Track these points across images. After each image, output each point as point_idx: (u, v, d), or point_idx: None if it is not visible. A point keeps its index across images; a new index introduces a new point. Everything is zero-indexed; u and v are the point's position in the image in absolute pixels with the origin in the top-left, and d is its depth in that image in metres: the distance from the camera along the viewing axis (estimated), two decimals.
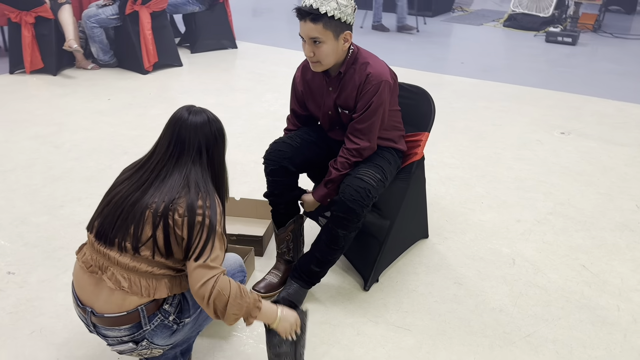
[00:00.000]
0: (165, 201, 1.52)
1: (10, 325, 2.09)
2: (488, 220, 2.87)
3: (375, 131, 2.09)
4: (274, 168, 2.18)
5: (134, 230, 1.52)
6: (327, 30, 1.91)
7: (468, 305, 2.25)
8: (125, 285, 1.53)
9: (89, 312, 1.57)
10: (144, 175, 1.60)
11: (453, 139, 3.88)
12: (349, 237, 2.11)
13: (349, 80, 2.06)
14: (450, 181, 3.28)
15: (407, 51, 6.35)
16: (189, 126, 1.61)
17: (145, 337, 1.61)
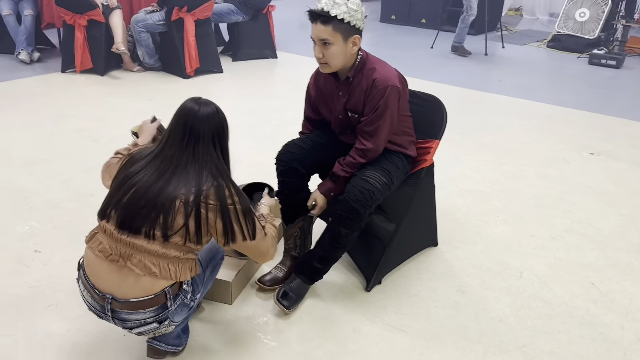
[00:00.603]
0: (194, 192, 1.62)
1: (30, 298, 2.24)
2: (501, 233, 2.87)
3: (382, 134, 2.15)
4: (285, 169, 2.27)
5: (164, 219, 1.60)
6: (337, 33, 2.00)
7: (468, 313, 2.26)
8: (156, 270, 1.64)
9: (109, 299, 1.66)
10: (161, 166, 1.67)
11: (478, 154, 3.88)
12: (352, 237, 2.17)
13: (357, 85, 2.13)
14: (468, 193, 3.29)
15: (443, 66, 6.37)
16: (201, 117, 1.71)
17: (168, 317, 1.73)
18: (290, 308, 2.19)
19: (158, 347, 1.88)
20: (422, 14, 8.65)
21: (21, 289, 2.29)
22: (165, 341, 1.88)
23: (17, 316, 2.14)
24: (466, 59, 6.79)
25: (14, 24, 5.75)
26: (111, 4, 5.36)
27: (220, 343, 2.05)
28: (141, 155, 1.76)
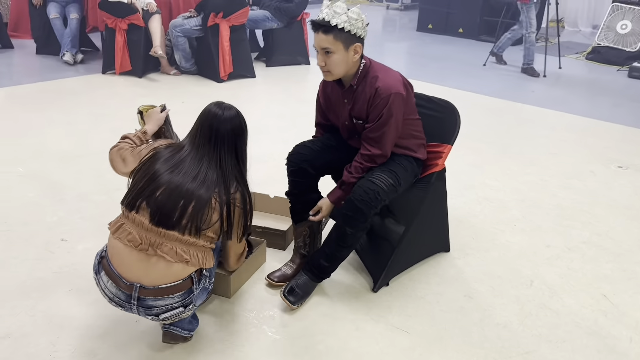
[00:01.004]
0: (225, 193, 1.82)
1: (53, 282, 2.37)
2: (516, 242, 2.85)
3: (387, 140, 2.19)
4: (294, 169, 2.34)
5: (201, 216, 1.77)
6: (338, 41, 2.06)
7: (472, 318, 2.27)
8: (187, 257, 1.78)
9: (137, 287, 1.77)
10: (192, 166, 1.82)
11: (502, 163, 3.86)
12: (357, 236, 2.21)
13: (361, 93, 2.19)
14: (487, 202, 3.28)
15: (478, 76, 6.33)
16: (225, 121, 1.86)
17: (192, 301, 1.85)
18: (296, 304, 2.25)
19: (175, 332, 1.96)
20: (459, 23, 8.60)
21: (45, 274, 2.42)
22: (181, 326, 1.97)
23: (39, 298, 2.27)
24: (503, 70, 6.72)
25: (60, 27, 6.04)
26: (151, 9, 5.57)
27: (225, 333, 2.12)
28: (168, 152, 1.88)
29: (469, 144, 4.17)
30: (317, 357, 2.02)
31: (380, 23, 10.09)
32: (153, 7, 5.60)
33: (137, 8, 5.51)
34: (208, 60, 5.66)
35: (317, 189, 2.41)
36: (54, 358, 1.96)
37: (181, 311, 1.84)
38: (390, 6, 11.74)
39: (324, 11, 2.05)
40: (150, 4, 5.59)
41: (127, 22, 5.47)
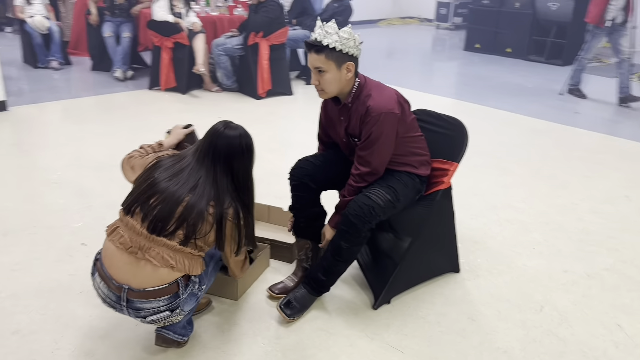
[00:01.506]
0: (220, 207, 1.87)
1: (67, 283, 2.49)
2: (532, 266, 2.75)
3: (377, 159, 2.18)
4: (296, 183, 2.37)
5: (193, 227, 1.83)
6: (329, 61, 2.09)
7: (472, 341, 2.20)
8: (173, 262, 1.83)
9: (125, 289, 1.83)
10: (190, 179, 1.88)
11: (531, 185, 3.74)
12: (352, 251, 2.21)
13: (355, 112, 2.20)
14: (508, 223, 3.18)
15: (518, 95, 6.17)
16: (224, 139, 1.92)
17: (179, 305, 1.90)
18: (292, 317, 2.26)
19: (167, 336, 2.02)
20: (507, 42, 8.45)
21: (60, 276, 2.55)
22: (174, 330, 2.03)
23: (51, 298, 2.38)
24: (546, 91, 6.53)
25: (113, 45, 6.38)
26: (195, 29, 5.79)
27: (219, 341, 2.16)
28: (170, 161, 1.95)
29: (498, 164, 4.09)
30: None
31: (430, 42, 10.05)
32: (198, 26, 5.82)
33: (183, 27, 5.74)
34: (248, 77, 5.81)
35: (319, 204, 2.43)
36: (55, 356, 2.05)
37: (168, 315, 1.88)
38: (440, 26, 11.68)
39: (316, 31, 2.09)
40: (195, 23, 5.82)
41: (173, 40, 5.71)
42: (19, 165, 3.84)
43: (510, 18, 8.37)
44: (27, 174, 3.68)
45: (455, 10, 11.32)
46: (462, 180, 3.72)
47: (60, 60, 6.86)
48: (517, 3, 8.31)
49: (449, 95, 6.11)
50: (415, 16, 12.81)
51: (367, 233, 2.16)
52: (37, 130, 4.63)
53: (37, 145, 4.24)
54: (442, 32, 11.27)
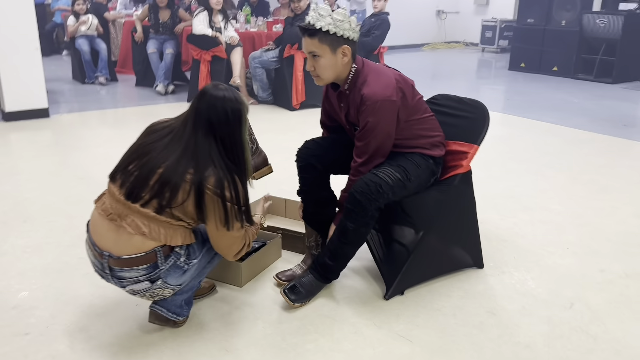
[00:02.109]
0: (199, 175, 1.72)
1: (74, 266, 2.46)
2: (565, 265, 2.53)
3: (374, 149, 2.06)
4: (302, 165, 2.26)
5: (169, 195, 1.71)
6: (323, 45, 1.98)
7: (490, 334, 2.01)
8: (146, 231, 1.74)
9: (106, 256, 1.77)
10: (172, 145, 1.77)
11: (569, 189, 3.50)
12: (359, 233, 2.07)
13: (352, 100, 2.09)
14: (542, 224, 2.96)
15: (563, 110, 5.89)
16: (208, 100, 1.78)
17: (160, 277, 1.81)
18: (297, 302, 2.13)
19: (159, 312, 1.94)
20: (553, 61, 8.17)
21: (70, 259, 2.53)
22: (167, 307, 1.94)
23: (57, 279, 2.36)
24: (593, 104, 6.23)
25: (156, 61, 6.56)
26: (232, 42, 5.88)
27: (218, 323, 2.06)
28: (161, 127, 1.86)
29: (537, 169, 3.88)
30: (303, 355, 1.88)
31: (474, 64, 9.88)
32: (235, 40, 5.91)
33: (221, 41, 5.84)
34: (283, 89, 5.82)
35: (327, 187, 2.31)
36: (49, 330, 2.00)
37: (148, 286, 1.80)
38: (485, 49, 11.49)
39: (310, 14, 1.99)
40: (232, 37, 5.91)
41: (211, 54, 5.80)
42: (51, 162, 3.93)
43: (557, 36, 8.11)
44: (57, 171, 3.75)
45: (501, 33, 11.11)
46: (495, 183, 3.55)
47: (106, 76, 7.11)
48: (564, 21, 8.06)
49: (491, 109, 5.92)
50: (460, 40, 12.67)
51: (374, 213, 2.03)
52: (74, 134, 4.75)
53: (72, 147, 4.34)
54: (488, 55, 11.06)
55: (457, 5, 12.58)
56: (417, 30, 12.03)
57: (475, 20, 12.01)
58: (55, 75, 7.60)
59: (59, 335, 1.97)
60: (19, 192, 3.34)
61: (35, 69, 5.03)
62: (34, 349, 1.89)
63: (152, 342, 1.94)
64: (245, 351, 1.90)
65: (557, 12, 8.13)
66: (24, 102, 5.05)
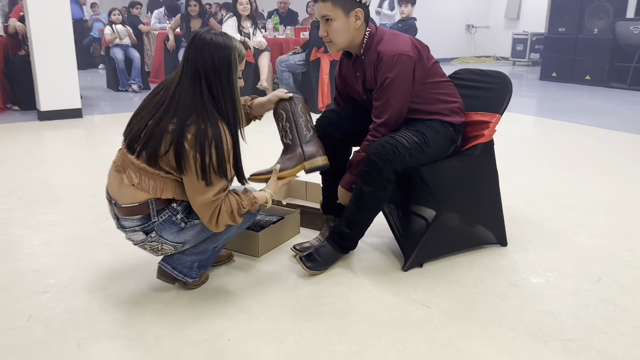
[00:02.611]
0: (180, 125, 1.68)
1: (97, 237, 2.50)
2: (593, 244, 2.44)
3: (394, 106, 2.02)
4: (320, 134, 2.22)
5: (154, 146, 1.71)
6: (336, 8, 1.98)
7: (511, 303, 1.94)
8: (136, 182, 1.77)
9: (113, 203, 1.84)
10: (163, 95, 1.77)
11: (600, 180, 3.40)
12: (376, 198, 2.03)
13: (368, 63, 2.07)
14: (569, 209, 2.88)
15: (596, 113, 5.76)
16: (195, 45, 1.74)
17: (154, 229, 1.82)
18: (313, 269, 2.11)
19: (164, 269, 1.95)
20: (586, 70, 8.04)
21: (93, 231, 2.57)
22: (173, 265, 1.94)
23: (79, 248, 2.39)
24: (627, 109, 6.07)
25: None
26: (260, 47, 5.98)
27: (234, 286, 2.04)
28: (162, 83, 1.86)
29: (567, 163, 3.79)
30: (318, 316, 1.85)
31: None
32: (263, 44, 6.01)
33: (249, 46, 5.94)
34: (309, 92, 5.86)
35: (345, 159, 2.28)
36: (67, 289, 2.02)
37: (144, 238, 1.83)
38: (517, 62, 11.39)
39: None
40: (260, 42, 6.01)
41: None
42: (80, 154, 4.03)
43: (589, 45, 7.99)
44: (85, 161, 3.84)
45: (532, 46, 11.01)
46: (523, 175, 3.48)
47: (139, 84, 7.30)
48: (596, 29, 7.94)
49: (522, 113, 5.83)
50: (490, 55, 12.60)
51: (390, 175, 1.99)
52: (104, 131, 4.87)
53: (101, 141, 4.45)
54: (519, 68, 10.95)
55: (487, 20, 12.55)
56: (446, 44, 12.02)
57: (506, 34, 11.96)
58: (91, 85, 7.84)
59: (76, 294, 1.99)
60: (49, 177, 3.42)
61: (70, 70, 5.19)
62: (52, 305, 1.91)
63: (166, 300, 1.94)
64: (260, 311, 1.87)
65: (589, 21, 8.02)
66: (58, 102, 5.22)
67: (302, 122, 2.04)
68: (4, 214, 2.78)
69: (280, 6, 8.03)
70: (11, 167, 3.60)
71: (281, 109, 2.05)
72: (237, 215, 1.81)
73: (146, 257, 2.24)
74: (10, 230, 2.57)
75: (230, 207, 1.78)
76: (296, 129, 2.02)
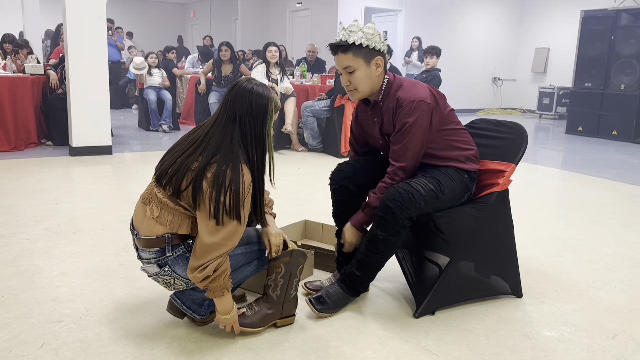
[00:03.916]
0: (202, 163, 1.74)
1: (114, 270, 2.55)
2: (610, 300, 2.38)
3: (410, 151, 2.07)
4: (336, 187, 2.29)
5: (176, 182, 1.78)
6: (358, 58, 2.06)
7: (523, 355, 1.90)
8: (156, 215, 1.83)
9: (135, 234, 1.90)
10: (199, 133, 1.85)
11: (621, 235, 3.34)
12: (389, 242, 2.05)
13: (387, 108, 2.14)
14: (588, 263, 2.83)
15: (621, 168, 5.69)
16: (236, 91, 1.83)
17: (168, 264, 1.86)
18: (323, 312, 2.11)
19: (174, 302, 1.97)
20: (613, 125, 7.99)
21: (112, 264, 2.62)
22: (183, 300, 1.97)
23: (96, 279, 2.44)
24: None
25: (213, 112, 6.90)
26: (287, 92, 6.13)
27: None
28: (201, 124, 1.93)
29: (589, 217, 3.74)
30: (324, 359, 1.84)
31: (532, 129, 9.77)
32: (289, 90, 6.17)
33: (276, 90, 6.11)
34: (332, 137, 5.96)
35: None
36: (81, 319, 2.06)
37: (157, 270, 1.87)
38: (543, 115, 11.38)
39: (340, 34, 2.09)
40: (287, 88, 6.17)
41: None
42: (107, 189, 4.14)
43: (615, 100, 7.97)
44: (111, 195, 3.95)
45: (559, 100, 11.02)
46: (542, 226, 3.45)
47: (170, 124, 7.52)
48: (623, 85, 7.94)
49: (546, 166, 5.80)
50: (517, 107, 12.63)
51: (405, 222, 2.01)
52: (133, 168, 5.01)
53: (129, 178, 4.57)
54: (546, 122, 10.94)
55: (514, 73, 12.66)
56: (473, 95, 12.13)
57: (533, 87, 12.01)
58: (123, 124, 8.11)
59: (89, 325, 2.02)
60: (74, 210, 3.52)
61: (103, 108, 5.40)
62: (65, 334, 1.94)
63: (176, 335, 1.96)
64: (266, 351, 1.88)
65: (615, 77, 8.03)
66: (89, 139, 5.41)
67: (295, 282, 2.06)
68: (28, 244, 2.87)
69: (309, 55, 8.27)
70: (39, 200, 3.72)
71: (283, 262, 1.99)
72: (224, 276, 1.80)
73: (160, 291, 2.28)
74: (33, 260, 2.65)
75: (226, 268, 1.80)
76: (286, 288, 2.03)
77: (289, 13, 12.01)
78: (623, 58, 7.93)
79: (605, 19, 8.12)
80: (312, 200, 3.99)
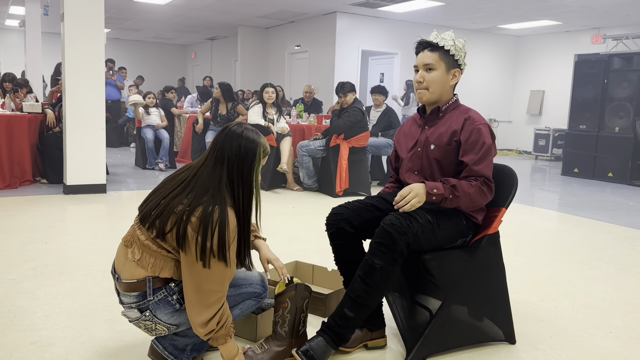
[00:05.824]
0: (188, 207, 1.71)
1: (98, 312, 2.49)
2: (605, 347, 2.33)
3: (489, 165, 2.13)
4: (333, 231, 2.21)
5: (160, 224, 1.75)
6: (441, 61, 2.16)
7: None
8: (137, 258, 1.79)
9: (116, 278, 1.86)
10: (186, 174, 1.82)
11: (617, 279, 3.29)
12: (386, 273, 1.97)
13: (447, 120, 2.19)
14: (584, 308, 2.77)
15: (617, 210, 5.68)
16: (225, 135, 1.82)
17: (149, 308, 1.82)
18: None
19: (155, 347, 1.92)
20: (608, 167, 8.01)
21: (96, 306, 2.56)
22: (164, 345, 1.92)
23: (79, 322, 2.38)
24: None
25: None
26: (283, 132, 6.17)
27: None
28: (188, 165, 1.91)
29: (584, 260, 3.70)
30: None
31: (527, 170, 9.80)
32: (285, 130, 6.21)
33: (272, 130, 6.15)
34: (327, 176, 5.97)
35: (360, 251, 2.23)
36: None
37: (137, 315, 1.82)
38: (539, 157, 11.44)
39: (432, 36, 2.19)
40: (283, 127, 6.21)
41: None
42: (98, 228, 4.10)
43: (610, 142, 8.02)
44: (102, 235, 3.91)
45: (555, 142, 11.10)
46: (537, 269, 3.40)
47: (166, 163, 7.54)
48: (617, 127, 8.00)
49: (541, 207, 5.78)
50: (512, 148, 12.71)
51: (403, 249, 1.94)
52: (126, 207, 4.98)
53: (121, 217, 4.54)
54: (542, 163, 10.98)
55: (510, 115, 12.79)
56: None
57: (528, 129, 12.12)
58: (120, 162, 8.12)
59: None
60: (63, 249, 3.48)
61: (98, 147, 5.42)
62: None
63: None
64: None
65: (609, 119, 8.10)
66: (84, 177, 5.40)
67: (302, 317, 2.04)
68: (13, 284, 2.82)
69: (306, 96, 8.38)
70: (29, 238, 3.68)
71: (289, 297, 1.99)
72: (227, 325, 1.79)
73: (143, 336, 2.22)
74: (16, 301, 2.59)
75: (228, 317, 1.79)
76: (294, 323, 2.01)
77: (287, 55, 12.22)
78: (616, 101, 8.02)
79: (598, 62, 8.25)
80: (305, 240, 3.95)
